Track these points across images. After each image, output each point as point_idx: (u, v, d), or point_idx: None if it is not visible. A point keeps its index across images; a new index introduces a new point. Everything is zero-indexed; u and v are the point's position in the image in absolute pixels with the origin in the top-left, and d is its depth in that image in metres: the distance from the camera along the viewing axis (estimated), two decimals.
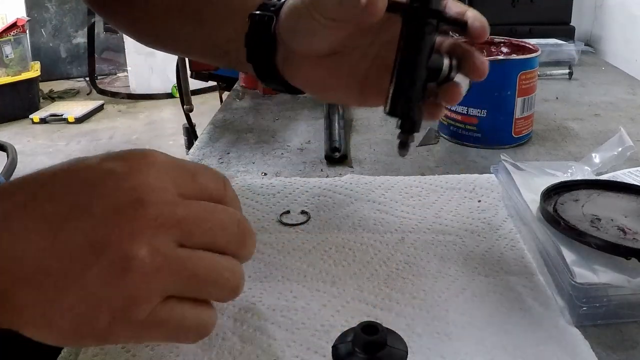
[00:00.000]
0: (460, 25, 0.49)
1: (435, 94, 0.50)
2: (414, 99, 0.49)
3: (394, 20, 0.48)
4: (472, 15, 0.48)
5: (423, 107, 0.50)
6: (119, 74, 4.55)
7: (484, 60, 0.48)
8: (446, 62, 0.49)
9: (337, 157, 0.68)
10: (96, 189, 0.33)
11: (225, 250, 0.34)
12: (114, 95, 4.27)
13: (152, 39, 0.66)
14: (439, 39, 0.50)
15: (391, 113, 0.50)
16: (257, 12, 0.53)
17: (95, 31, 4.17)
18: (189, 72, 1.84)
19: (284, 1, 0.52)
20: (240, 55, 0.55)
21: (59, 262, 0.32)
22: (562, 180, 0.52)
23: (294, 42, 0.51)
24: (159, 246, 0.32)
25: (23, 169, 2.66)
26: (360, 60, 0.52)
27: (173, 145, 3.27)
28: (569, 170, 0.56)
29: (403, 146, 0.50)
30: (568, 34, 1.21)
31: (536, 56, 0.69)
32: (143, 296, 0.32)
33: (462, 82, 0.50)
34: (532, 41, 0.74)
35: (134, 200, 0.33)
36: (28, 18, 4.13)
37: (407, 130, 0.50)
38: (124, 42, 4.21)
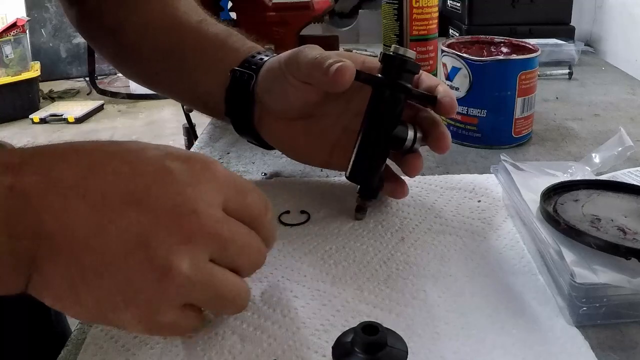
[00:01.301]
0: (429, 99, 0.51)
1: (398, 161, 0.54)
2: (373, 168, 0.51)
3: (366, 93, 0.51)
4: (443, 90, 0.51)
5: (383, 175, 0.53)
6: (119, 74, 4.54)
7: (447, 135, 0.51)
8: (410, 133, 0.51)
9: None
10: (156, 186, 0.34)
11: (241, 271, 0.37)
12: (114, 95, 4.27)
13: (135, 76, 0.68)
14: (411, 109, 0.53)
15: (351, 179, 0.53)
16: (239, 68, 0.55)
17: None
18: None
19: (265, 61, 0.55)
20: (219, 107, 0.57)
21: (103, 243, 0.33)
22: (562, 180, 0.52)
23: (269, 102, 0.54)
24: (198, 261, 0.34)
25: None
26: (331, 127, 0.55)
27: (173, 145, 3.27)
28: (569, 170, 0.56)
29: (359, 210, 0.53)
30: (568, 34, 1.21)
31: (536, 56, 0.69)
32: (171, 303, 0.34)
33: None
34: (532, 41, 0.74)
35: (190, 210, 0.34)
36: (28, 18, 4.13)
37: (365, 196, 0.53)
38: None
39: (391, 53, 0.50)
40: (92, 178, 0.34)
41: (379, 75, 0.51)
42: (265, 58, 0.56)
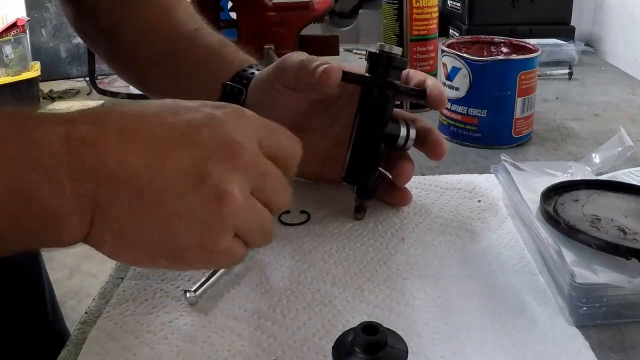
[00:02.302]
0: (418, 94, 0.52)
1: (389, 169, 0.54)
2: (368, 167, 0.51)
3: (355, 103, 0.52)
4: (432, 84, 0.52)
5: (379, 174, 0.54)
6: None
7: (442, 142, 0.52)
8: (403, 130, 0.52)
9: None
10: (198, 125, 0.37)
11: (272, 207, 0.39)
12: (114, 95, 4.25)
13: (128, 79, 0.68)
14: (409, 115, 0.54)
15: (347, 180, 0.53)
16: (230, 82, 0.56)
17: None
18: None
19: (255, 74, 0.56)
20: None
21: (162, 177, 0.35)
22: (562, 180, 0.52)
23: (259, 114, 0.54)
24: (245, 189, 0.37)
25: None
26: (322, 139, 0.56)
27: None
28: (569, 170, 0.56)
29: (358, 210, 0.53)
30: (568, 34, 1.21)
31: (536, 56, 0.69)
32: (227, 228, 0.37)
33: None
34: (532, 41, 0.74)
35: (234, 143, 0.37)
36: (28, 18, 4.13)
37: (362, 196, 0.53)
38: None
39: (377, 51, 0.51)
40: (142, 124, 0.37)
41: (367, 74, 0.51)
42: (257, 72, 0.57)
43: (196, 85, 0.60)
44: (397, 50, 0.50)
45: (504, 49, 0.74)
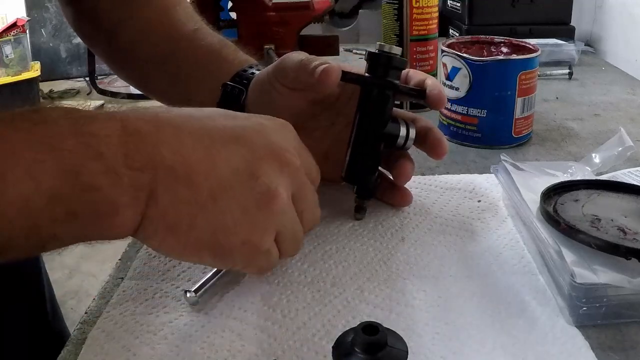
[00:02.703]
0: (418, 94, 0.52)
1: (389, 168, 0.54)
2: (368, 167, 0.51)
3: (355, 102, 0.52)
4: (431, 84, 0.52)
5: (379, 174, 0.54)
6: None
7: (443, 140, 0.53)
8: (403, 130, 0.52)
9: None
10: (250, 129, 0.39)
11: (304, 221, 0.42)
12: (114, 95, 4.26)
13: (128, 79, 0.68)
14: (409, 114, 0.54)
15: (347, 180, 0.52)
16: (230, 83, 0.56)
17: None
18: None
19: (256, 74, 0.56)
20: None
21: (216, 172, 0.37)
22: (562, 180, 0.52)
23: (259, 113, 0.54)
24: (288, 193, 0.39)
25: None
26: (322, 139, 0.56)
27: None
28: (569, 170, 0.56)
29: (358, 210, 0.53)
30: (568, 34, 1.21)
31: (536, 56, 0.69)
32: (271, 228, 0.39)
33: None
34: (532, 41, 0.74)
35: (284, 150, 0.39)
36: (28, 18, 4.13)
37: (362, 196, 0.53)
38: None
39: (376, 51, 0.51)
40: (196, 123, 0.38)
41: (366, 74, 0.51)
42: (257, 72, 0.57)
43: (196, 85, 0.60)
44: (397, 50, 0.50)
45: (504, 49, 0.74)
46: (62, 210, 0.33)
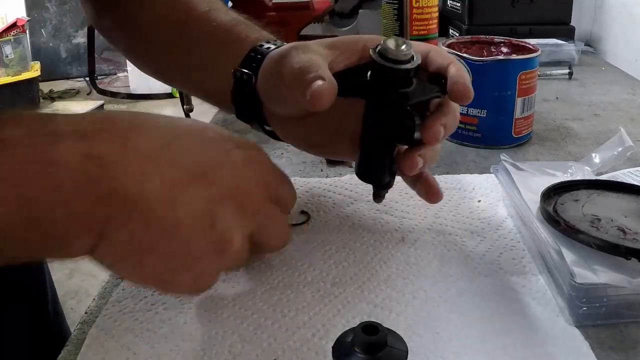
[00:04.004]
0: (435, 96, 0.45)
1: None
2: (380, 166, 0.46)
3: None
4: (454, 73, 0.44)
5: (396, 167, 0.47)
6: (119, 74, 4.55)
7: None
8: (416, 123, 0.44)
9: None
10: (219, 166, 0.38)
11: (266, 246, 0.43)
12: (114, 95, 4.26)
13: (151, 71, 0.66)
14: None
15: (360, 177, 0.47)
16: (239, 69, 0.52)
17: (95, 31, 4.16)
18: None
19: (268, 53, 0.51)
20: (231, 109, 0.55)
21: (175, 211, 0.36)
22: (562, 180, 0.52)
23: (269, 103, 0.51)
24: (245, 237, 0.39)
25: None
26: (344, 118, 0.49)
27: None
28: (569, 170, 0.56)
29: (377, 197, 0.49)
30: (568, 34, 1.21)
31: (536, 56, 0.69)
32: (222, 270, 0.39)
33: None
34: (532, 41, 0.74)
35: (247, 191, 0.39)
36: (28, 18, 4.13)
37: (377, 193, 0.48)
38: None
39: (377, 54, 0.43)
40: (165, 151, 0.37)
41: (369, 75, 0.44)
42: (272, 47, 0.52)
43: (209, 72, 0.56)
44: (401, 45, 0.43)
45: (504, 49, 0.74)
46: (14, 237, 0.33)
